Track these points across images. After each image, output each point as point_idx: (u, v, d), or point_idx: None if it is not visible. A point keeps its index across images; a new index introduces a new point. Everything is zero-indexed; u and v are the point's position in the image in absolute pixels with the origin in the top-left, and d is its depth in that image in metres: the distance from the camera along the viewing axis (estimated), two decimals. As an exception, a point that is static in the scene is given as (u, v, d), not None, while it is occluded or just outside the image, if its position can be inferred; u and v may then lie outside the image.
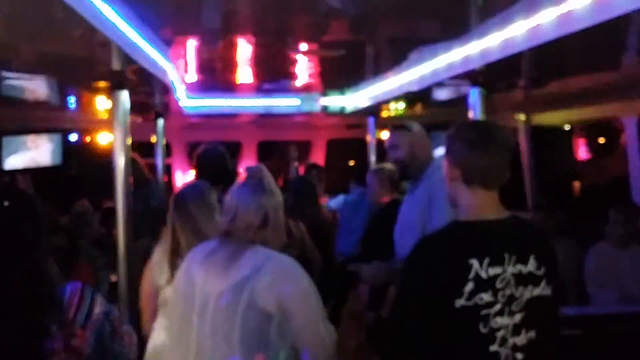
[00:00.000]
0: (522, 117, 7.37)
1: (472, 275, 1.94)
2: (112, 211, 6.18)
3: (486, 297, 1.95)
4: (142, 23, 3.84)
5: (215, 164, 4.29)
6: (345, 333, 4.25)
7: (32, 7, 3.20)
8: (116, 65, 3.81)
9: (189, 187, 3.17)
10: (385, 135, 8.56)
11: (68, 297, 1.83)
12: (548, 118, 7.40)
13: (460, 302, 1.93)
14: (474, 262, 1.95)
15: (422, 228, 3.13)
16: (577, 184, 8.55)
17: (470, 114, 4.52)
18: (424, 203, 3.21)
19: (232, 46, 4.84)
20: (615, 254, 4.64)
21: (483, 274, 1.95)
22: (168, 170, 8.38)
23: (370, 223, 5.03)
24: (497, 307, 1.96)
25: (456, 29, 4.12)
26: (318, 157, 9.29)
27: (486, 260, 1.96)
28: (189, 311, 2.26)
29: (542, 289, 2.04)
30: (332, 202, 6.97)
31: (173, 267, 2.76)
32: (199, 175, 4.37)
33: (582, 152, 8.86)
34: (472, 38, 3.99)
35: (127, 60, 3.84)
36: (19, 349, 1.73)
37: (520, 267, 2.00)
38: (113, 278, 5.71)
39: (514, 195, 4.26)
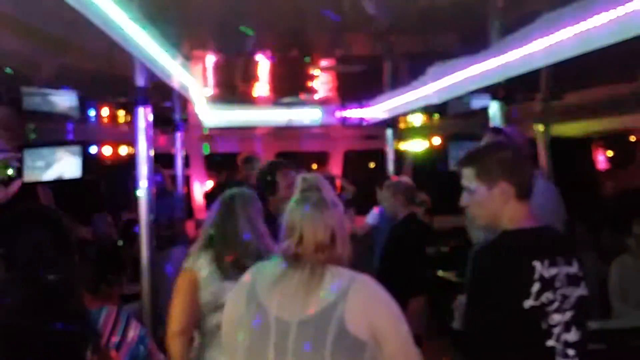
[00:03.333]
0: (540, 127, 7.35)
1: (537, 276, 2.07)
2: (133, 223, 6.24)
3: (549, 295, 2.07)
4: (164, 40, 3.89)
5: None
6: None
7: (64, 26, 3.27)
8: (140, 81, 3.87)
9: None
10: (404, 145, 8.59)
11: (103, 321, 1.83)
12: (566, 129, 7.37)
13: (529, 303, 2.05)
14: (537, 264, 2.08)
15: None
16: (598, 195, 8.49)
17: (491, 126, 4.56)
18: None
19: (251, 62, 4.89)
20: (638, 267, 4.57)
21: (546, 274, 2.08)
22: (187, 181, 8.43)
23: (388, 238, 4.91)
24: (556, 304, 2.09)
25: (475, 44, 4.14)
26: (335, 167, 9.32)
27: (546, 262, 2.09)
28: (262, 342, 2.01)
29: (582, 290, 2.17)
30: (370, 218, 6.47)
31: None
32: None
33: (601, 162, 8.80)
34: (492, 54, 4.01)
35: (150, 76, 3.89)
36: None
37: (568, 269, 2.14)
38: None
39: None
